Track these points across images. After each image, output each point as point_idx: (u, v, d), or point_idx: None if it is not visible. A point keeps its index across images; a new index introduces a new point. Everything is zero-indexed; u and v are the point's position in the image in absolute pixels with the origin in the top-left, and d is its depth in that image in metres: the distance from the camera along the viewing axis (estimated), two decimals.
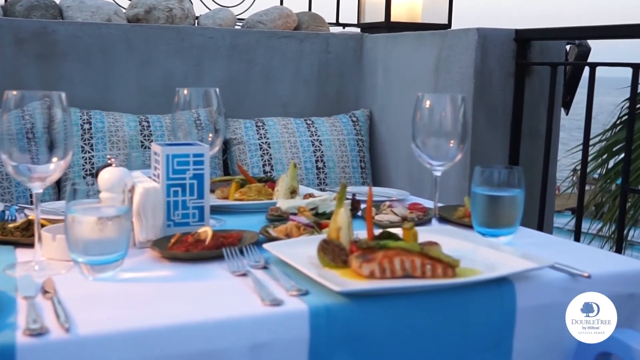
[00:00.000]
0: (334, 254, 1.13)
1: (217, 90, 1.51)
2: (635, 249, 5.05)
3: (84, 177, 2.40)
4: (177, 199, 1.33)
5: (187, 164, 1.32)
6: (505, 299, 1.09)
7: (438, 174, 1.42)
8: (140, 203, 1.26)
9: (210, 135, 1.50)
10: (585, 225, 5.14)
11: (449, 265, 1.08)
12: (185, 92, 1.50)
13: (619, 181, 4.63)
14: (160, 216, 1.28)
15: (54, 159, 1.11)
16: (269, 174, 2.60)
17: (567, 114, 2.46)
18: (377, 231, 1.22)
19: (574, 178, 6.75)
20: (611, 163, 4.92)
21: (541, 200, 2.28)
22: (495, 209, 1.35)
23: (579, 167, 5.95)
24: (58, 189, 2.45)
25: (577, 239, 2.10)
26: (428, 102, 1.40)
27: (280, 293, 1.02)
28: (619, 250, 1.96)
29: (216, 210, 1.59)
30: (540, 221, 2.27)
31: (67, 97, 1.14)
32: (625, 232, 4.41)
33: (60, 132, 1.11)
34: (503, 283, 1.09)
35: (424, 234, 1.25)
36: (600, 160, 4.88)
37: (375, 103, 2.88)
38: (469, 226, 1.46)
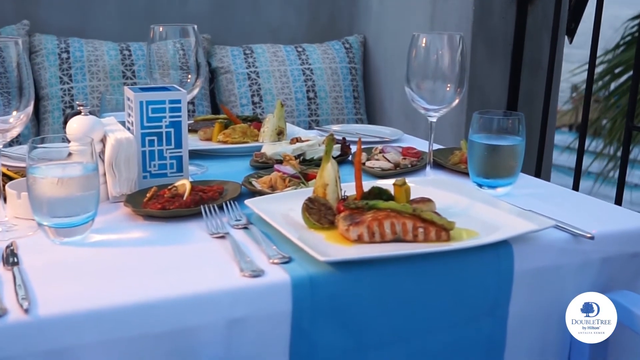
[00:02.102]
0: (320, 214, 1.05)
1: (195, 27, 1.39)
2: (636, 166, 5.00)
3: (63, 110, 2.29)
4: (153, 148, 1.24)
5: (162, 110, 1.23)
6: (503, 262, 1.02)
7: (433, 119, 1.32)
8: (113, 155, 1.17)
9: (190, 76, 1.40)
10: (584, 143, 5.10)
11: (443, 228, 1.01)
12: (161, 29, 1.38)
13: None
14: (134, 169, 1.19)
15: (14, 112, 1.02)
16: (257, 105, 2.50)
17: (570, 42, 2.34)
18: (367, 183, 1.14)
19: (574, 94, 6.65)
20: (612, 86, 4.82)
21: (541, 134, 2.19)
22: (493, 158, 1.27)
23: (578, 85, 5.84)
24: (37, 122, 2.35)
25: (576, 181, 2.03)
26: (424, 42, 1.29)
27: (261, 260, 0.95)
28: (620, 190, 1.89)
29: (198, 154, 1.50)
30: (539, 156, 2.19)
31: (23, 42, 1.02)
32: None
33: (25, 81, 1.01)
34: (500, 245, 1.02)
35: (417, 188, 1.17)
36: (601, 83, 4.77)
37: (369, 28, 2.74)
38: (465, 173, 1.38)
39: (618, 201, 1.91)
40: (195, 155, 1.49)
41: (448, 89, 1.29)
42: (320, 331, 0.92)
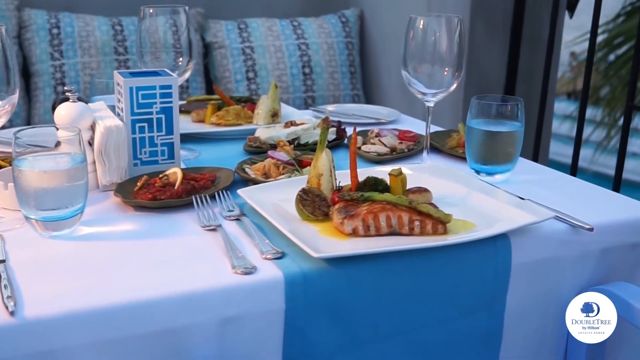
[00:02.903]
0: (314, 205, 1.03)
1: (187, 8, 1.35)
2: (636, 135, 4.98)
3: (54, 88, 2.26)
4: (144, 135, 1.21)
5: (153, 96, 1.20)
6: (500, 255, 1.00)
7: (430, 104, 1.29)
8: (102, 144, 1.14)
9: (181, 59, 1.36)
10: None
11: (440, 221, 0.99)
12: (151, 10, 1.34)
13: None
14: (124, 157, 1.16)
15: None
16: (252, 81, 2.46)
17: (571, 17, 2.30)
18: (362, 170, 1.11)
19: (572, 62, 6.59)
20: (612, 56, 4.77)
21: (540, 109, 2.16)
22: (492, 145, 1.24)
23: (577, 53, 5.78)
24: (28, 99, 2.32)
25: (574, 166, 2.00)
26: (421, 24, 1.25)
27: (254, 255, 0.93)
28: (620, 169, 1.86)
29: (190, 138, 1.47)
30: (537, 131, 2.16)
31: (12, 17, 0.99)
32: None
33: (11, 69, 0.98)
34: (498, 238, 1.00)
35: (414, 177, 1.15)
36: (601, 53, 4.72)
37: (366, 1, 2.69)
38: (463, 158, 1.35)
39: (617, 184, 1.89)
40: (188, 138, 1.46)
41: (446, 73, 1.26)
42: (315, 328, 0.90)
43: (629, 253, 1.11)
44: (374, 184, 1.07)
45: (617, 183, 1.90)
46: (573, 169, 2.07)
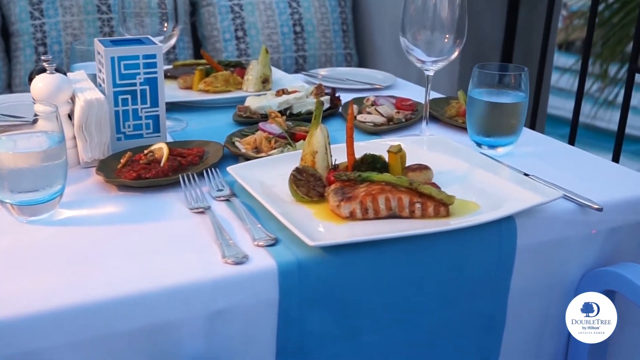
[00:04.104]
0: (309, 186, 0.97)
1: None
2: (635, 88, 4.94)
3: (35, 48, 2.16)
4: (127, 108, 1.14)
5: (136, 67, 1.12)
6: (505, 237, 0.95)
7: (430, 73, 1.23)
8: (82, 118, 1.07)
9: (166, 24, 1.28)
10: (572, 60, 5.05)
11: (442, 203, 0.93)
12: None
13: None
14: (106, 132, 1.09)
15: None
16: (241, 40, 2.37)
17: None
18: (359, 143, 1.05)
19: (563, 12, 6.49)
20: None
21: (539, 73, 2.09)
22: (494, 116, 1.18)
23: (569, 3, 5.69)
24: (8, 60, 2.23)
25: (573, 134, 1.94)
26: None
27: (245, 241, 0.87)
28: (620, 137, 1.81)
29: (177, 106, 1.40)
30: (535, 97, 2.10)
31: None
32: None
33: None
34: (503, 220, 0.94)
35: (413, 152, 1.09)
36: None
37: None
38: (463, 128, 1.29)
39: (616, 156, 1.84)
40: (175, 107, 1.39)
41: (446, 40, 1.19)
42: (310, 319, 0.85)
43: (637, 232, 1.06)
44: (371, 161, 1.01)
45: (616, 154, 1.85)
46: (572, 137, 2.01)
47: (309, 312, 0.85)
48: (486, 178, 1.04)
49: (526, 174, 1.07)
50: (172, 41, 1.28)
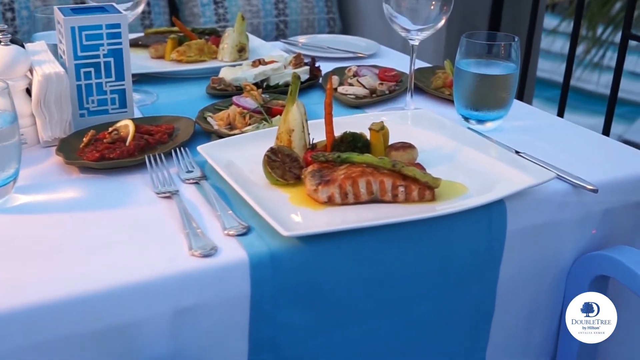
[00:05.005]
0: (284, 168, 0.90)
1: None
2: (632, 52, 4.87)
3: (3, 14, 2.06)
4: (90, 82, 1.06)
5: (99, 37, 1.04)
6: (494, 222, 0.89)
7: (415, 42, 1.15)
8: (41, 94, 0.99)
9: None
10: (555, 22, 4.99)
11: (427, 187, 0.87)
12: None
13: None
14: (67, 108, 1.02)
15: None
16: (220, 5, 2.27)
17: None
18: (339, 118, 0.98)
19: None
20: None
21: (528, 40, 2.02)
22: (483, 89, 1.11)
23: None
24: None
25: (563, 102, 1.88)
26: None
27: (215, 229, 0.81)
28: (612, 108, 1.74)
29: (148, 77, 1.32)
30: (524, 67, 2.02)
31: None
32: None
33: None
34: (492, 203, 0.88)
35: (396, 127, 1.02)
36: None
37: None
38: (449, 100, 1.23)
39: (607, 127, 1.78)
40: (145, 78, 1.31)
41: (432, 7, 1.11)
42: (285, 313, 0.79)
43: (632, 213, 1.00)
44: (352, 140, 0.94)
45: (607, 125, 1.79)
46: (561, 109, 1.95)
47: (283, 305, 0.79)
48: (474, 157, 0.98)
49: (517, 152, 1.01)
50: (139, 8, 1.20)
